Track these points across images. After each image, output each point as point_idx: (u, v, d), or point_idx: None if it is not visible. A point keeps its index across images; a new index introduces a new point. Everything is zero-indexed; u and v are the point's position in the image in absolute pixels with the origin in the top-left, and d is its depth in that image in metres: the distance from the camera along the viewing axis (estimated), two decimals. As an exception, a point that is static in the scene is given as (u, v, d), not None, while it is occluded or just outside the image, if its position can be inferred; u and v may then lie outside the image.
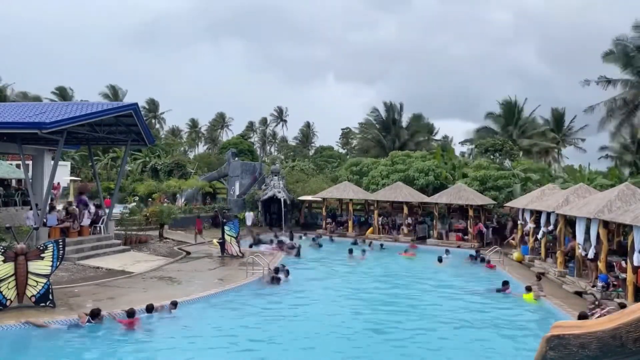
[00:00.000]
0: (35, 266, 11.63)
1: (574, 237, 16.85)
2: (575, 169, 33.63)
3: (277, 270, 16.35)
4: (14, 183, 26.66)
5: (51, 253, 11.82)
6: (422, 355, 10.02)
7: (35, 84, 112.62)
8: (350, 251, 21.94)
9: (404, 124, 55.14)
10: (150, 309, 11.31)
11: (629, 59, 34.21)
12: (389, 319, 12.26)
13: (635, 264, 12.57)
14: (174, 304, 11.80)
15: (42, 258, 11.75)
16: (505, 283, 15.28)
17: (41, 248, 11.95)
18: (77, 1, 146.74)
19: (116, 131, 20.51)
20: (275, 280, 15.48)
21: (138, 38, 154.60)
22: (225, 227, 20.20)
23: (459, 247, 24.32)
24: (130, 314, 10.63)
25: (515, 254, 21.41)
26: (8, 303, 11.24)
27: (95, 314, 10.54)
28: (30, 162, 23.30)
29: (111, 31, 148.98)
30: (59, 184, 32.01)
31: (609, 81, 35.59)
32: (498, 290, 15.09)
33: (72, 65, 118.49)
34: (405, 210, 27.69)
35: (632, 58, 34.10)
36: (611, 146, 39.12)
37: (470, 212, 25.42)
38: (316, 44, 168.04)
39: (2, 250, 11.48)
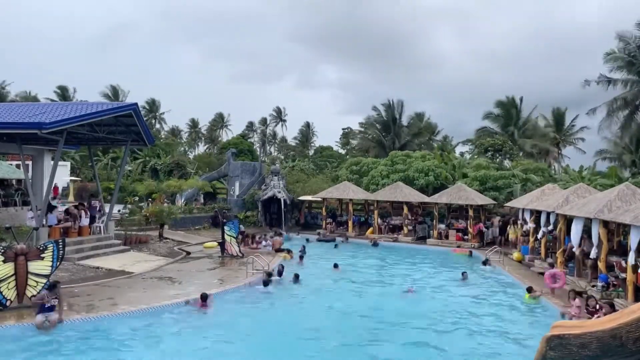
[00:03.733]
0: (35, 266, 11.63)
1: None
2: (573, 171, 33.55)
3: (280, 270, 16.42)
4: (14, 183, 26.64)
5: (51, 253, 11.82)
6: (417, 355, 10.00)
7: (35, 84, 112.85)
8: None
9: (405, 122, 54.99)
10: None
11: (631, 58, 34.10)
12: (388, 318, 12.27)
13: (630, 263, 12.57)
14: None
15: (42, 258, 11.75)
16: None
17: (41, 248, 11.95)
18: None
19: (116, 131, 20.51)
20: (271, 280, 15.48)
21: (136, 38, 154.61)
22: (225, 227, 20.19)
23: (459, 247, 24.33)
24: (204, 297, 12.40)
25: (515, 254, 21.40)
26: (8, 303, 11.24)
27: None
28: (30, 162, 23.31)
29: (108, 30, 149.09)
30: (56, 186, 31.40)
31: (609, 81, 35.50)
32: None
33: (71, 66, 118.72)
34: (405, 210, 27.70)
35: (634, 57, 33.99)
36: (609, 149, 39.03)
37: (470, 212, 25.42)
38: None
39: (2, 250, 11.49)
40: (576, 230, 16.04)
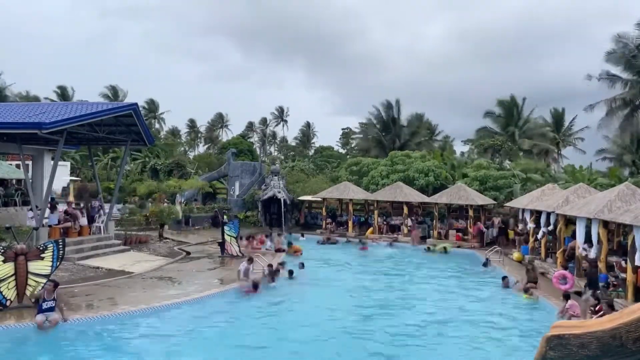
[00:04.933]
0: (35, 266, 11.63)
1: (574, 236, 16.84)
2: (574, 170, 33.51)
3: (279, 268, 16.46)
4: (14, 183, 26.65)
5: (51, 253, 11.82)
6: (417, 354, 10.00)
7: (34, 84, 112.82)
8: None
9: (404, 122, 54.80)
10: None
11: (630, 58, 34.07)
12: (385, 316, 12.28)
13: (637, 263, 12.56)
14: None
15: (42, 258, 11.75)
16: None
17: (41, 248, 11.94)
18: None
19: (116, 131, 20.51)
20: (274, 275, 15.51)
21: (133, 37, 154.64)
22: (225, 227, 20.19)
23: (458, 247, 24.32)
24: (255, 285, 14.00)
25: (515, 254, 21.41)
26: (8, 303, 11.24)
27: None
28: (30, 162, 23.31)
29: (106, 31, 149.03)
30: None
31: (610, 78, 35.42)
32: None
33: (69, 66, 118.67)
34: (405, 210, 27.69)
35: (633, 57, 33.97)
36: (609, 148, 39.04)
37: (470, 212, 25.41)
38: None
39: (2, 250, 11.48)
40: (579, 231, 15.99)
